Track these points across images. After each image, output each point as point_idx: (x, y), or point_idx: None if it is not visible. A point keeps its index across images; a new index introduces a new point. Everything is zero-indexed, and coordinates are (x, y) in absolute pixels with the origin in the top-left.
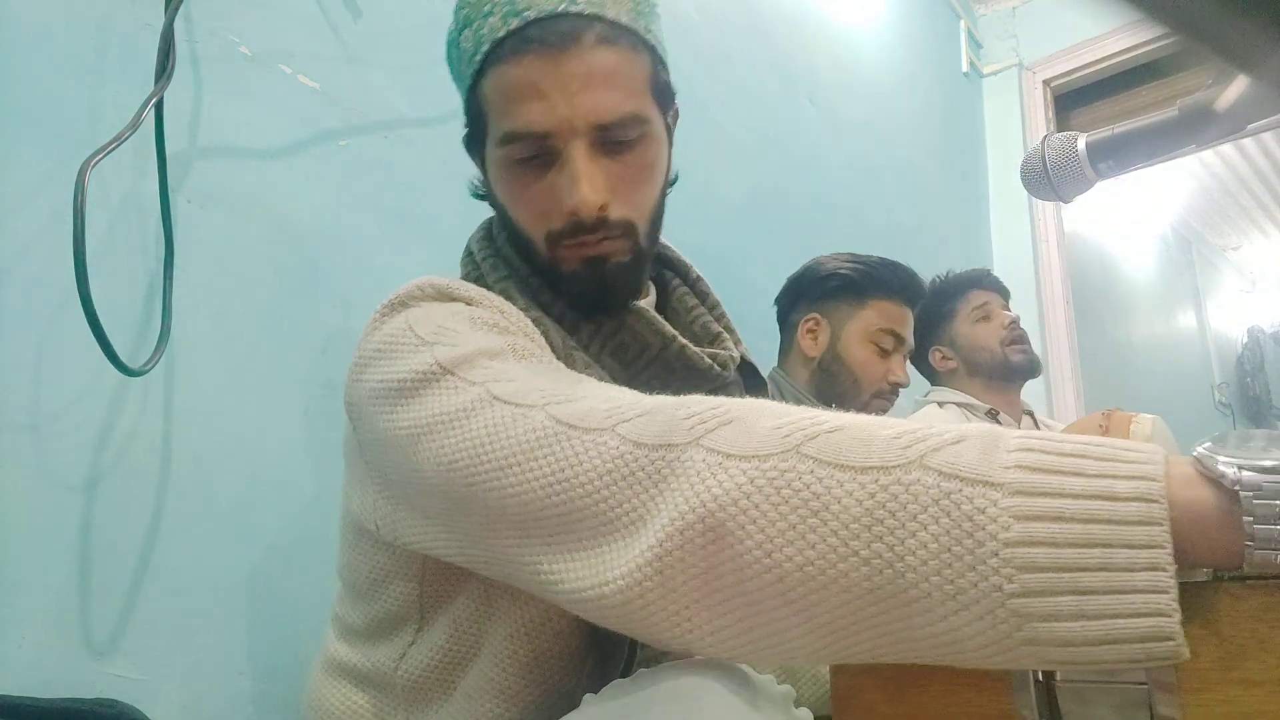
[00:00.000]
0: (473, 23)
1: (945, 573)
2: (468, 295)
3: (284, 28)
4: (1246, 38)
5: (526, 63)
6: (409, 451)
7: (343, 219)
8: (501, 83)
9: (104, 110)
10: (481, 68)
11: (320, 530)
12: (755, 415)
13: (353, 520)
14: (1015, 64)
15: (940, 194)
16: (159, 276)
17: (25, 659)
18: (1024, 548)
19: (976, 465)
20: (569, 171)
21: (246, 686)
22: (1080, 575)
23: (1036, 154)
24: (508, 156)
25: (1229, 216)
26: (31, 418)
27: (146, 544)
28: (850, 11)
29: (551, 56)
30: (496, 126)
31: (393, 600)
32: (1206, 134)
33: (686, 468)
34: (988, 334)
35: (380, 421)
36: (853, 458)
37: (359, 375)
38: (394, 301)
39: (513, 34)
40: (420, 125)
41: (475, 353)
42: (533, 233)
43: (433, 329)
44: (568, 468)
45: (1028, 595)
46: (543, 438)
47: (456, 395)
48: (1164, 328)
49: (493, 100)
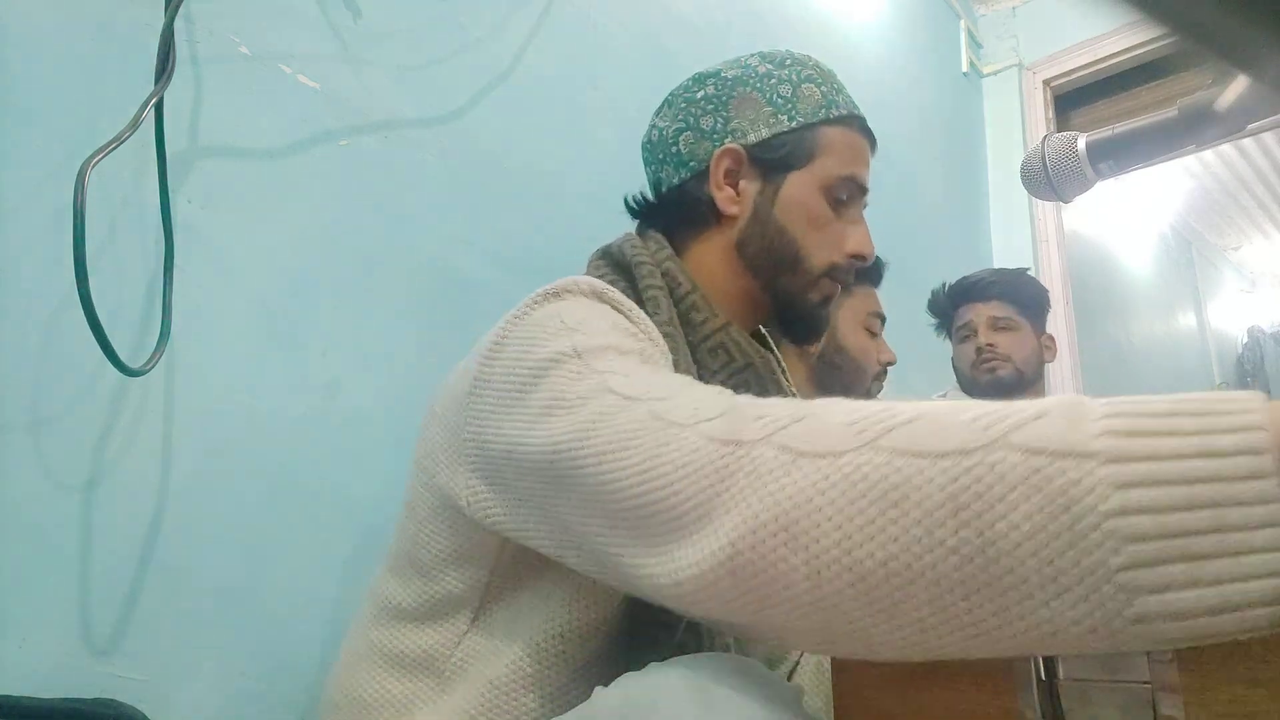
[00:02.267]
0: (829, 79)
1: (1042, 553)
2: (617, 300)
3: (284, 28)
4: (1246, 38)
5: (866, 144)
6: (525, 428)
7: (343, 219)
8: (852, 141)
9: (104, 110)
10: (834, 120)
11: (321, 530)
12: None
13: (435, 494)
14: (1015, 64)
15: (940, 194)
16: (159, 276)
17: (25, 659)
18: (1127, 517)
19: (1064, 437)
20: (861, 224)
21: (247, 686)
22: (1191, 540)
23: (1036, 154)
24: (832, 191)
25: (1229, 216)
26: (31, 418)
27: (146, 544)
28: (850, 11)
29: (872, 152)
30: (834, 167)
31: (457, 582)
32: (1206, 134)
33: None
34: (964, 354)
35: (508, 398)
36: (930, 444)
37: (497, 353)
38: (549, 292)
39: (859, 119)
40: (420, 125)
41: (607, 346)
42: (815, 256)
43: (578, 319)
44: (652, 460)
45: (1136, 567)
46: (637, 430)
47: (580, 381)
48: (1164, 327)
49: (838, 147)
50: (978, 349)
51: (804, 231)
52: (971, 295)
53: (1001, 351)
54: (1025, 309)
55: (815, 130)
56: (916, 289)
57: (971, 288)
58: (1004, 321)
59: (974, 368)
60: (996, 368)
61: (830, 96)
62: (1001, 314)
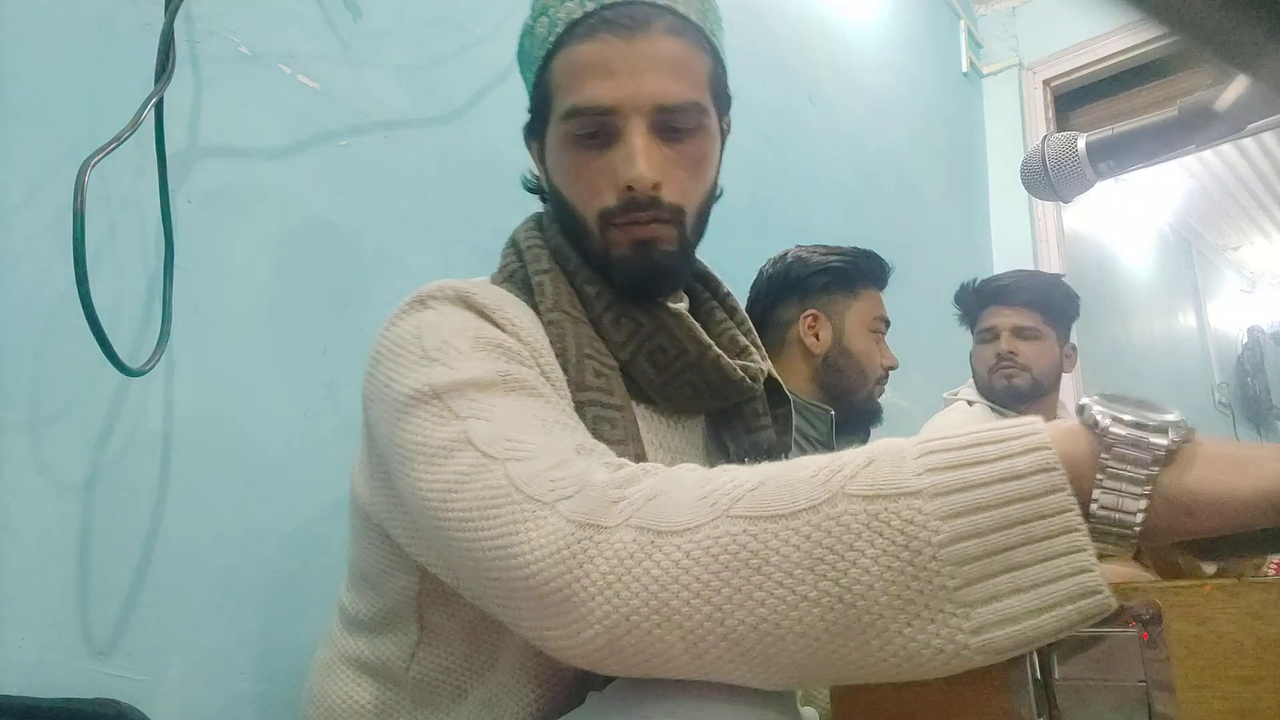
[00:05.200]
0: (549, 9)
1: (892, 589)
2: (484, 304)
3: (284, 28)
4: (1246, 38)
5: (598, 42)
6: (400, 463)
7: (343, 219)
8: (571, 60)
9: (104, 110)
10: (553, 48)
11: (321, 530)
12: (678, 487)
13: (360, 509)
14: (1015, 64)
15: (940, 193)
16: (159, 276)
17: (25, 659)
18: (956, 545)
19: (892, 479)
20: (627, 148)
21: (247, 686)
22: (1009, 554)
23: (1036, 154)
24: (569, 132)
25: (1229, 216)
26: (31, 418)
27: (146, 544)
28: (850, 11)
29: (622, 38)
30: (562, 103)
31: (395, 593)
32: (1206, 134)
33: (617, 550)
34: (984, 357)
35: (386, 418)
36: (779, 506)
37: (372, 369)
38: (414, 300)
39: (588, 15)
40: (420, 125)
41: (467, 382)
42: (586, 211)
43: (437, 344)
44: (509, 535)
45: (969, 584)
46: (494, 498)
47: (440, 428)
48: (1164, 328)
49: (561, 78)
50: (998, 355)
51: (567, 187)
52: (999, 298)
53: (1021, 361)
54: (1052, 318)
55: (547, 69)
56: (916, 289)
57: (1000, 290)
58: (1029, 331)
59: (992, 372)
60: (1014, 376)
61: (553, 14)
62: (1027, 323)
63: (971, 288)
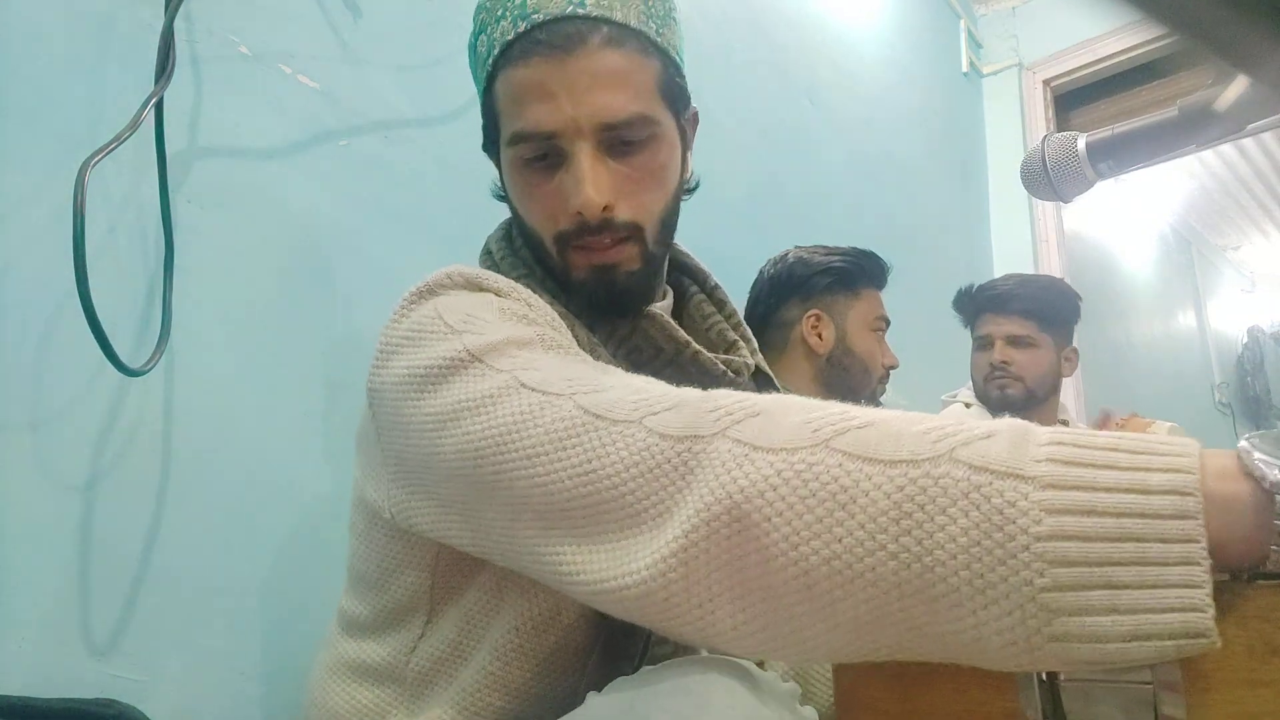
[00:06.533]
0: (487, 27)
1: (974, 566)
2: (496, 286)
3: (284, 28)
4: (1246, 38)
5: (534, 64)
6: (433, 437)
7: (343, 219)
8: (510, 84)
9: (104, 110)
10: (493, 71)
11: (322, 531)
12: (783, 410)
13: (366, 508)
14: (1015, 64)
15: (940, 194)
16: (159, 276)
17: (25, 659)
18: (1055, 542)
19: (1007, 458)
20: (574, 172)
21: (247, 687)
22: (1113, 570)
23: (1036, 154)
24: (517, 157)
25: (1229, 216)
26: (31, 418)
27: (146, 544)
28: (850, 11)
29: (558, 58)
30: (506, 128)
31: (403, 591)
32: (1206, 134)
33: (713, 459)
34: (979, 365)
35: (405, 407)
36: (882, 451)
37: (384, 362)
38: (422, 289)
39: (521, 36)
40: (420, 125)
41: (504, 341)
42: (542, 234)
43: (461, 317)
44: (595, 459)
45: (1059, 589)
46: (571, 428)
47: (484, 381)
48: (1164, 328)
49: (503, 102)
50: (990, 364)
51: (522, 209)
52: (994, 306)
53: (1014, 371)
54: (1048, 324)
55: (491, 91)
56: (915, 289)
57: (995, 298)
58: (1023, 339)
59: (987, 381)
60: (1007, 386)
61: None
62: (1021, 331)
63: (968, 294)
